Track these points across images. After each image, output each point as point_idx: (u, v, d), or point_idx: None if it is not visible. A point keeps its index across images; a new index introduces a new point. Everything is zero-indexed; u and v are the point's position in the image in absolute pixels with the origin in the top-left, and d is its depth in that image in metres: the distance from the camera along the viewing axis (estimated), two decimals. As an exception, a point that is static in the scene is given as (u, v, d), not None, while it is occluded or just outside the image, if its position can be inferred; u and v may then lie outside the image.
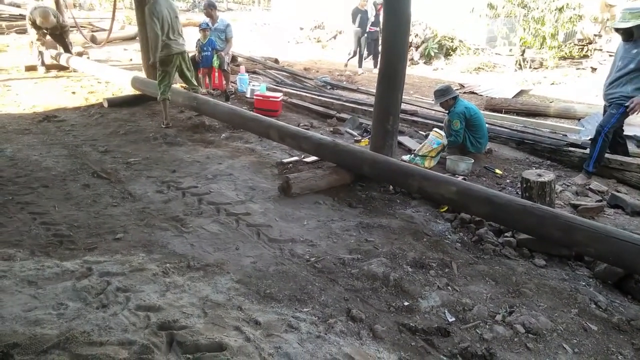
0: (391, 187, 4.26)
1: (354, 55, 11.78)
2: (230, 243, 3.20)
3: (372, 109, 4.70)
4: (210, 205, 3.77)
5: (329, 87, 9.13)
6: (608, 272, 2.96)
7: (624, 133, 5.68)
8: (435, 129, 5.33)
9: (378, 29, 11.31)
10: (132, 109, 6.85)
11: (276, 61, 11.31)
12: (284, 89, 8.12)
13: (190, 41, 10.50)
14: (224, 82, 8.00)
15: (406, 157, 5.12)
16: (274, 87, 8.31)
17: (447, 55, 13.17)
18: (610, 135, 4.53)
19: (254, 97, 7.03)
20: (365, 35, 11.48)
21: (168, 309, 2.37)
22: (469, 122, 5.12)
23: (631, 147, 5.37)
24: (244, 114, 5.50)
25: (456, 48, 13.23)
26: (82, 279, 2.58)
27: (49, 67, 9.32)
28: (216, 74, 8.09)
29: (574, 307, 2.71)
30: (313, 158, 4.81)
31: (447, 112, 5.35)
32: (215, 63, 7.79)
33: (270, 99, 6.89)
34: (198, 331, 2.20)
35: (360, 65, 11.77)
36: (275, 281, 2.77)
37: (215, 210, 3.69)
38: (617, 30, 4.42)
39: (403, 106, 6.55)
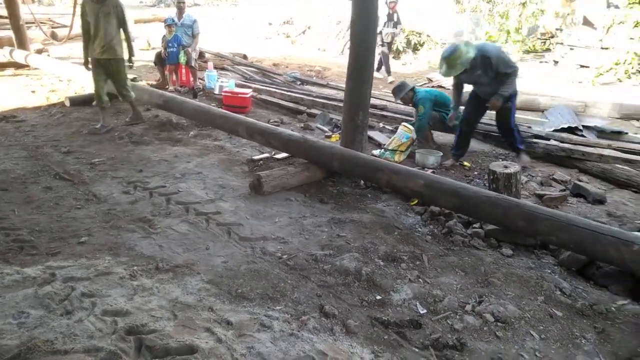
0: (362, 182, 4.28)
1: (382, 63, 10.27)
2: (200, 243, 3.15)
3: (342, 105, 4.71)
4: (178, 205, 3.70)
5: (298, 82, 9.09)
6: (571, 260, 3.05)
7: (584, 124, 5.91)
8: (403, 124, 5.37)
9: (395, 30, 10.13)
10: (95, 107, 6.63)
11: (245, 57, 11.18)
12: (253, 85, 8.04)
13: (156, 37, 10.27)
14: (192, 78, 7.86)
15: (376, 152, 5.15)
16: (243, 83, 8.21)
17: (414, 50, 13.29)
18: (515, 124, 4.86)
19: (223, 93, 6.93)
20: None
21: (136, 313, 2.32)
22: (437, 101, 5.28)
23: (591, 137, 5.56)
24: (212, 111, 5.41)
25: (424, 43, 13.37)
26: (45, 286, 2.48)
27: (4, 65, 8.94)
28: (183, 70, 7.93)
29: (540, 295, 2.78)
30: (284, 155, 4.78)
31: (411, 105, 5.45)
32: (182, 59, 7.65)
33: (239, 95, 6.81)
34: (168, 334, 2.16)
35: (388, 72, 10.28)
36: (246, 280, 2.74)
37: (184, 209, 3.62)
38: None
39: (372, 101, 6.56)
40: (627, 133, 5.77)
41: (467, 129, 4.89)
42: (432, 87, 9.36)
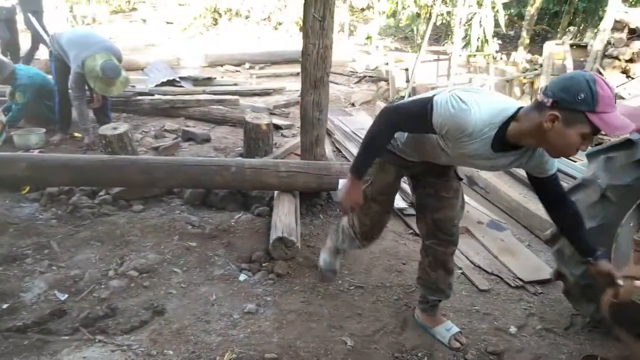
0: (-54, 185, 3.42)
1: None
2: None
3: None
4: None
5: None
6: (193, 196, 3.45)
7: (182, 75, 6.46)
8: (-16, 106, 4.50)
9: (8, 3, 6.81)
10: None
11: None
12: None
13: None
14: None
15: (-40, 145, 4.18)
16: None
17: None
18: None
19: None
20: None
21: None
22: (42, 89, 4.55)
23: (189, 86, 6.18)
24: None
25: None
26: None
27: None
28: None
29: (175, 235, 3.04)
30: None
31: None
32: None
33: None
34: None
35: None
36: None
37: None
38: None
39: None
40: (215, 78, 6.70)
41: (65, 97, 4.51)
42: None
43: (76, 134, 4.64)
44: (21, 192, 3.48)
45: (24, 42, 7.20)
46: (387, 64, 7.85)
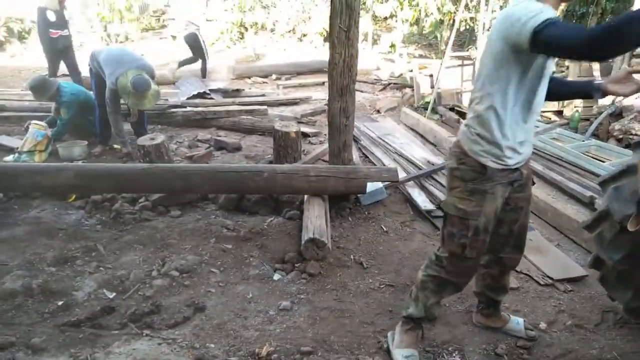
0: (0, 194, 3.68)
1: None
2: None
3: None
4: None
5: None
6: (227, 201, 3.60)
7: (212, 88, 6.70)
8: (33, 121, 4.80)
9: (66, 32, 6.61)
10: None
11: None
12: None
13: None
14: None
15: (10, 158, 4.49)
16: None
17: (21, 38, 11.60)
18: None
19: None
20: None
21: None
22: (84, 106, 4.85)
23: (219, 98, 6.40)
24: None
25: (30, 30, 11.79)
26: None
27: None
28: None
29: (211, 238, 3.20)
30: None
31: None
32: None
33: None
34: None
35: None
36: None
37: None
38: None
39: (-17, 103, 5.56)
40: (243, 89, 6.92)
41: (104, 112, 4.77)
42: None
43: (115, 146, 4.90)
44: (67, 200, 3.72)
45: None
46: (411, 70, 7.92)
